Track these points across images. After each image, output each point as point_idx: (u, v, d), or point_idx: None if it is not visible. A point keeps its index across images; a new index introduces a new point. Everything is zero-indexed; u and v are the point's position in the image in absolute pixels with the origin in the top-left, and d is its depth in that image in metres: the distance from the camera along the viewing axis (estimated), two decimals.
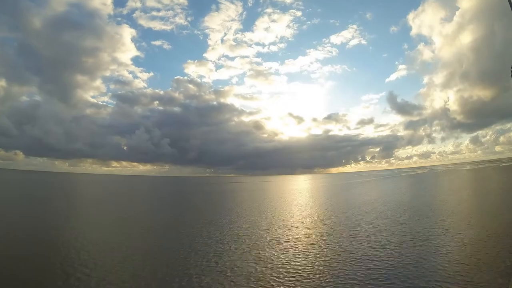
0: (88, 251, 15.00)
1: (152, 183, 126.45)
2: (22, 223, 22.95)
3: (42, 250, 15.01)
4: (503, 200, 29.83)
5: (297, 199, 42.01)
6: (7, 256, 14.01)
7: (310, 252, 14.44)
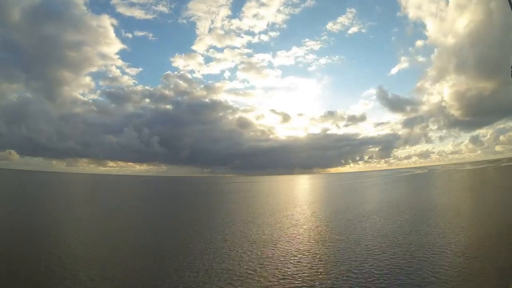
0: (83, 251, 15.00)
1: (152, 184, 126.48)
2: (20, 221, 22.96)
3: (35, 249, 15.01)
4: (503, 200, 29.84)
5: (309, 202, 41.97)
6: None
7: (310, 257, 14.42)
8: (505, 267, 11.20)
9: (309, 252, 14.37)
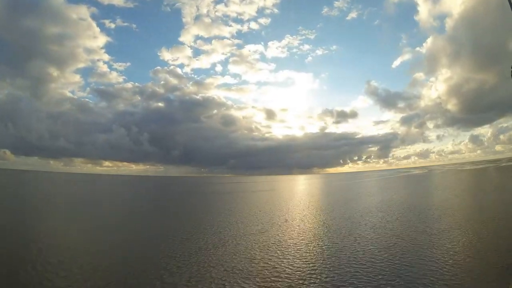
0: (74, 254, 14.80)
1: (149, 184, 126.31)
2: (18, 222, 22.76)
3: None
4: (503, 200, 29.68)
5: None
6: None
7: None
8: (505, 267, 11.05)
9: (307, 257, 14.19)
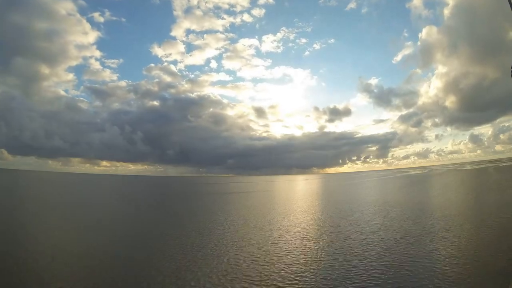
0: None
1: (146, 184, 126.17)
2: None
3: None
4: (503, 200, 29.44)
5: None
6: None
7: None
8: (505, 267, 10.82)
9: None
